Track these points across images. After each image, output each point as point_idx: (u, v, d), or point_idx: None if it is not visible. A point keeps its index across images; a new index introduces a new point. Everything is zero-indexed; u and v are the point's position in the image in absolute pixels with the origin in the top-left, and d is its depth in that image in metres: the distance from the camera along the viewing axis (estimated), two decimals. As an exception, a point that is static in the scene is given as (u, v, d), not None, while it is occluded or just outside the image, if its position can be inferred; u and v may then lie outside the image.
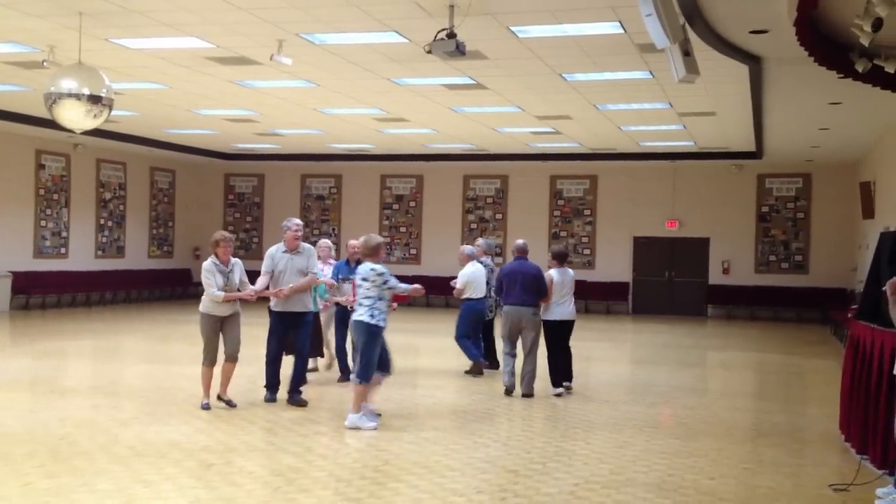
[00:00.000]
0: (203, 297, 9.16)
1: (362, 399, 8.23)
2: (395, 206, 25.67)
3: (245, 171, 26.68)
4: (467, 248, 12.12)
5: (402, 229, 25.39)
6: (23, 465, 6.65)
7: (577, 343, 16.70)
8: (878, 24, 7.58)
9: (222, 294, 8.94)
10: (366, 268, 8.27)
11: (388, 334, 8.40)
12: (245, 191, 27.00)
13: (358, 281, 8.33)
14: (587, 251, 24.24)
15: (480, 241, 12.50)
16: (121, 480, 6.26)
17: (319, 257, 10.37)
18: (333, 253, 11.78)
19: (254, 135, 20.82)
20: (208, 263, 9.05)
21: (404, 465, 6.89)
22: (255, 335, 10.70)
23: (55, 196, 21.83)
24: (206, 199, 27.04)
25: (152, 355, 14.26)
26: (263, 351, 9.60)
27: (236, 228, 26.91)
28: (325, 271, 10.62)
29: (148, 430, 8.01)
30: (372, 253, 8.37)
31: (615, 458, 7.24)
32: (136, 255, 24.65)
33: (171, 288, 25.68)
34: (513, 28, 10.30)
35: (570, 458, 7.20)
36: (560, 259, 10.64)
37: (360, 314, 8.19)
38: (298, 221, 9.51)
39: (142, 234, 24.95)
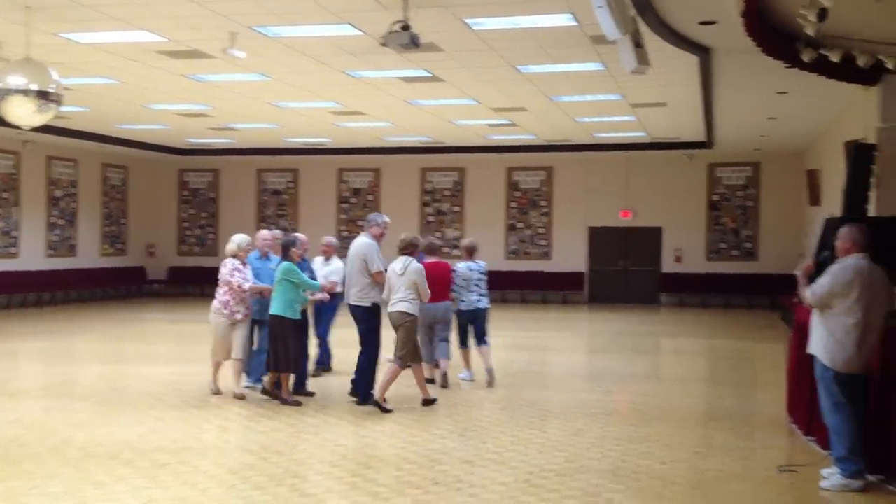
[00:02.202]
0: (413, 301, 8.95)
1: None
2: (353, 200, 25.60)
3: (199, 167, 26.39)
4: (334, 240, 11.52)
5: (360, 223, 25.28)
6: (-27, 467, 6.56)
7: (534, 333, 16.98)
8: (822, 14, 7.75)
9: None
10: (481, 266, 10.41)
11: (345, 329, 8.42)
12: (200, 186, 26.72)
13: (477, 276, 10.35)
14: (544, 242, 24.39)
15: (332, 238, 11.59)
16: (72, 483, 6.20)
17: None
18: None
19: (208, 129, 20.63)
20: (420, 266, 9.18)
21: (361, 458, 6.92)
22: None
23: (4, 195, 21.42)
24: (160, 196, 26.71)
25: (105, 355, 14.09)
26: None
27: (191, 225, 26.64)
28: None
29: (100, 431, 7.92)
30: (473, 253, 10.48)
31: (570, 446, 7.33)
32: (89, 254, 24.25)
33: (125, 286, 25.34)
34: (466, 20, 10.32)
35: (525, 447, 7.27)
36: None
37: (485, 303, 10.36)
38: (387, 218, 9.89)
39: (94, 233, 24.57)
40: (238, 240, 9.62)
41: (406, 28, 9.27)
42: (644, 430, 8.04)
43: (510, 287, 23.75)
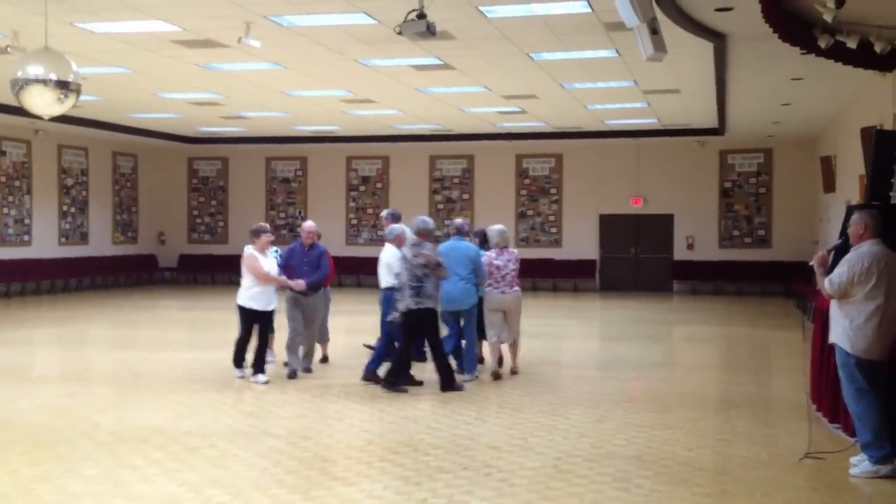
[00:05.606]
0: None
1: None
2: (362, 188, 25.61)
3: (209, 155, 26.40)
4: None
5: (369, 211, 25.36)
6: (6, 453, 6.64)
7: (547, 321, 17.01)
8: (840, 1, 7.74)
9: None
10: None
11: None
12: (209, 174, 26.73)
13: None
14: (554, 229, 24.40)
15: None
16: (106, 466, 6.29)
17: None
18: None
19: (218, 118, 20.64)
20: None
21: (388, 444, 6.97)
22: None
23: (17, 183, 21.49)
24: (170, 184, 26.75)
25: (122, 342, 14.17)
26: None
27: (201, 213, 26.69)
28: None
29: (128, 415, 8.02)
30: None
31: (595, 432, 7.37)
32: (100, 242, 24.33)
33: (137, 274, 25.43)
34: (481, 7, 10.30)
35: (549, 433, 7.32)
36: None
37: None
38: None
39: (105, 220, 24.64)
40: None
41: (422, 16, 9.26)
42: (666, 416, 8.08)
43: (521, 275, 23.65)
